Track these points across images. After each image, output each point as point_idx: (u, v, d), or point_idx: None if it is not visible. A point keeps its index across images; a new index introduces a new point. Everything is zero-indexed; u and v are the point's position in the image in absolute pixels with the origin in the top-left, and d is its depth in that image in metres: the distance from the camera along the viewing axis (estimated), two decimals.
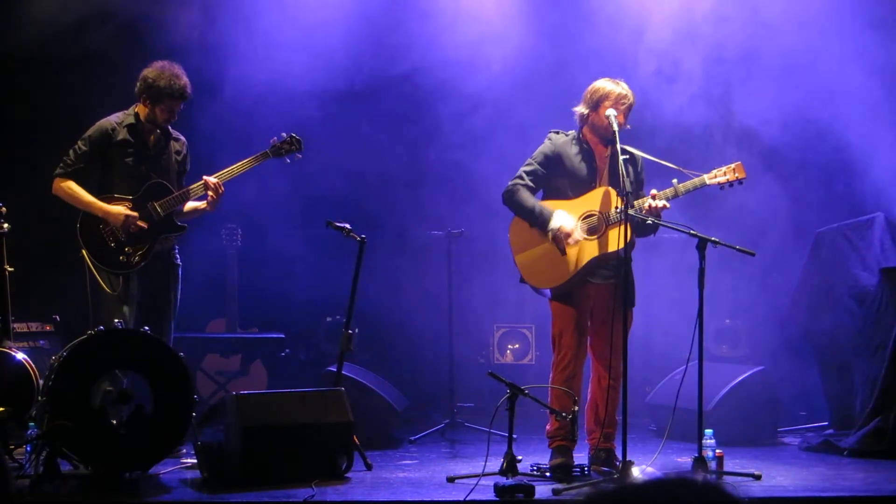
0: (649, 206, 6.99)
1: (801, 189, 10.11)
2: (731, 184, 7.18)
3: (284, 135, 7.81)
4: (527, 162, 7.33)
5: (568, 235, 7.10)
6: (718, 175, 7.15)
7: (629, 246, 6.89)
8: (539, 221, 7.16)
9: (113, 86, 8.68)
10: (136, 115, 7.66)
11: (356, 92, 10.24)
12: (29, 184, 8.46)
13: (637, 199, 7.16)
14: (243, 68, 9.70)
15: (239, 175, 7.71)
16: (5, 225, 7.65)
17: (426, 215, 10.41)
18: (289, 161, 7.85)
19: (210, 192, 7.62)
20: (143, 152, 7.66)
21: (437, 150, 10.42)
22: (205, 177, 7.63)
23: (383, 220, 10.44)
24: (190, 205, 7.83)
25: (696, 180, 7.12)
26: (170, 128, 7.79)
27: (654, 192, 7.08)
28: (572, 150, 7.28)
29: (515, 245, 7.35)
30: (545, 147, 7.35)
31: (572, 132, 7.35)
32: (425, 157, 10.47)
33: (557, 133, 7.38)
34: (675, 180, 7.10)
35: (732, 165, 7.16)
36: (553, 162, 7.28)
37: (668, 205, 7.04)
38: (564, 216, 7.13)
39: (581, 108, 7.29)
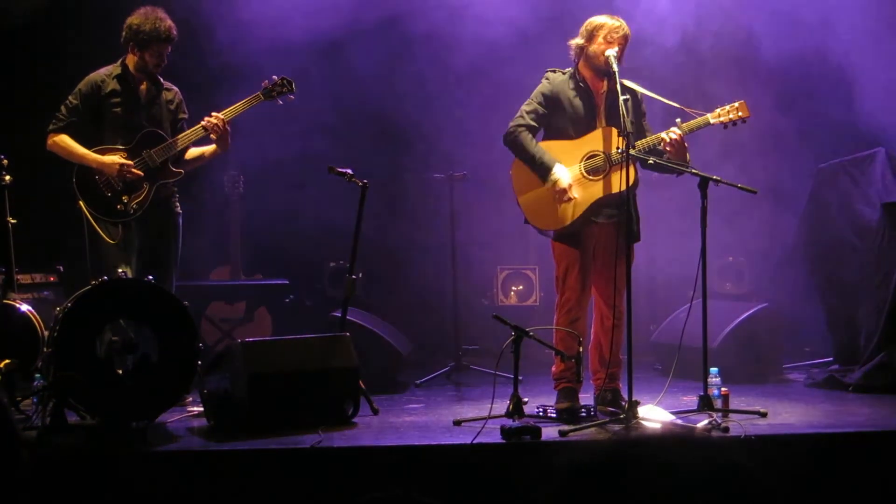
0: (668, 139, 6.98)
1: (803, 124, 10.07)
2: (734, 123, 7.15)
3: (276, 77, 7.76)
4: (527, 101, 7.30)
5: (563, 192, 7.08)
6: (722, 114, 7.11)
7: (632, 186, 6.90)
8: (540, 170, 7.14)
9: (106, 36, 8.63)
10: (125, 65, 7.64)
11: (352, 35, 10.15)
12: (30, 135, 8.42)
13: (641, 130, 7.17)
14: (235, 14, 9.60)
15: (237, 119, 7.67)
16: (7, 177, 7.64)
17: (428, 158, 10.36)
18: (281, 102, 7.78)
19: (211, 131, 7.60)
20: (134, 103, 7.63)
21: (439, 92, 10.36)
22: (205, 117, 7.60)
23: (385, 165, 10.40)
24: (194, 150, 7.82)
25: (700, 120, 7.10)
26: (161, 78, 7.76)
27: (678, 121, 7.07)
28: (569, 89, 7.24)
29: (518, 186, 7.33)
30: (543, 87, 7.31)
31: (568, 70, 7.32)
32: (426, 100, 10.40)
33: (554, 72, 7.35)
34: (678, 120, 7.06)
35: (736, 104, 7.12)
36: (552, 101, 7.25)
37: (680, 133, 7.02)
38: (563, 171, 7.11)
39: (577, 41, 7.25)
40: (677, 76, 9.56)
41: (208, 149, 7.82)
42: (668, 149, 7.04)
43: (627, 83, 7.19)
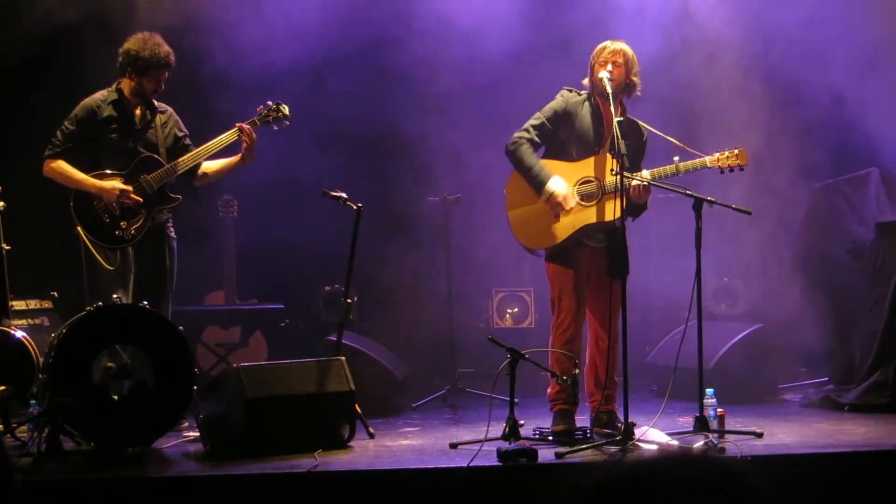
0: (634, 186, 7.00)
1: (797, 145, 10.08)
2: (731, 169, 7.16)
3: (270, 102, 7.77)
4: (535, 115, 7.30)
5: (559, 205, 7.11)
6: (721, 159, 7.11)
7: (626, 212, 6.91)
8: (535, 182, 7.16)
9: (101, 62, 8.66)
10: (120, 90, 7.63)
11: (346, 58, 10.16)
12: (24, 160, 8.43)
13: (637, 169, 7.17)
14: (227, 38, 9.61)
15: (233, 143, 7.68)
16: (1, 203, 7.64)
17: (423, 181, 10.36)
18: (276, 128, 7.80)
19: (244, 139, 7.62)
20: (130, 128, 7.62)
21: (433, 115, 10.35)
22: (238, 124, 7.62)
23: (379, 188, 10.40)
24: (209, 164, 7.79)
25: (698, 161, 7.10)
26: (154, 101, 7.75)
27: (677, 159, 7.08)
28: (583, 111, 7.25)
29: (511, 200, 7.34)
30: (556, 103, 7.31)
31: (584, 93, 7.32)
32: (421, 123, 10.39)
33: (571, 91, 7.34)
34: (676, 158, 7.07)
35: (735, 151, 7.12)
36: (562, 119, 7.25)
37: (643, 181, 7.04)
38: (560, 182, 7.13)
39: (586, 80, 7.30)
40: (676, 94, 9.58)
41: (226, 162, 7.81)
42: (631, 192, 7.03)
43: (638, 121, 7.25)
